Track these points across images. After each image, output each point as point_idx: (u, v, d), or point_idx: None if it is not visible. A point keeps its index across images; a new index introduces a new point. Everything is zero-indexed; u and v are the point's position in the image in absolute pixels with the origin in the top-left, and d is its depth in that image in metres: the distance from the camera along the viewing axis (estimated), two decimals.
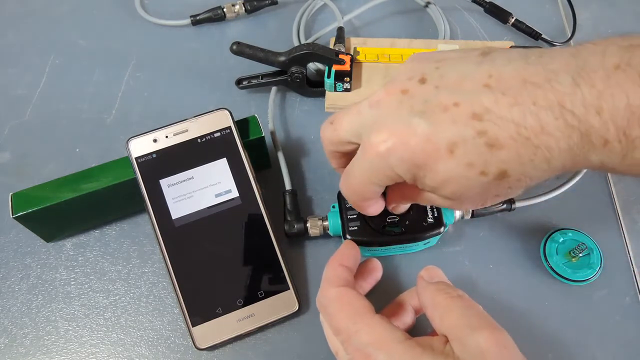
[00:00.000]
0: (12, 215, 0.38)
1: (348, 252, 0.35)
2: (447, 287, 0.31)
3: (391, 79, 0.30)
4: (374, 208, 0.35)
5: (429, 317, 0.31)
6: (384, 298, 0.38)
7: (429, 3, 0.57)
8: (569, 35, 0.55)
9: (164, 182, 0.39)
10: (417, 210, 0.40)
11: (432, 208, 0.40)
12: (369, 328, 0.29)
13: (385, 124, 0.28)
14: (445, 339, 0.29)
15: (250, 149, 0.41)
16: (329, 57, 0.46)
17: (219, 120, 0.40)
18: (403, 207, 0.37)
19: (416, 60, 0.30)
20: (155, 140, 0.40)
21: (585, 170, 0.45)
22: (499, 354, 0.27)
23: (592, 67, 0.25)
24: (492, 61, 0.27)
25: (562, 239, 0.42)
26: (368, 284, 0.38)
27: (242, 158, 0.40)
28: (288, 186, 0.43)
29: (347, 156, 0.33)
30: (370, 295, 0.35)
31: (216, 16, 0.56)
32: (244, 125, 0.42)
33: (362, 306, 0.31)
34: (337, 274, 0.33)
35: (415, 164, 0.28)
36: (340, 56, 0.46)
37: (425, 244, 0.41)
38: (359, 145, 0.31)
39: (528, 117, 0.25)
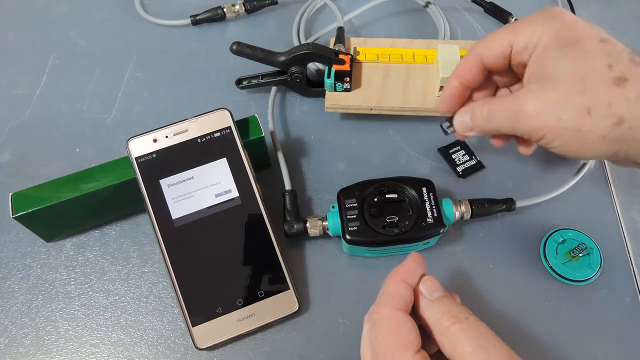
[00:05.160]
0: (12, 215, 0.38)
1: (414, 267, 0.32)
2: (451, 308, 0.30)
3: None
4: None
5: (436, 340, 0.30)
6: None
7: (428, 3, 0.57)
8: None
9: (164, 182, 0.39)
10: (417, 211, 0.40)
11: (432, 208, 0.40)
12: None
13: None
14: None
15: (250, 149, 0.41)
16: (329, 57, 0.46)
17: (219, 120, 0.40)
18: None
19: None
20: (155, 140, 0.40)
21: (585, 170, 0.45)
22: None
23: None
24: None
25: (562, 239, 0.42)
26: None
27: (242, 158, 0.40)
28: (288, 186, 0.43)
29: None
30: (373, 299, 0.34)
31: (216, 16, 0.56)
32: (244, 125, 0.42)
33: (410, 342, 0.29)
34: (398, 291, 0.31)
35: (565, 28, 0.33)
36: (340, 56, 0.46)
37: (425, 244, 0.41)
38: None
39: None
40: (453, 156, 0.47)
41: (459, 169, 0.46)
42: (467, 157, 0.46)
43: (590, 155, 0.33)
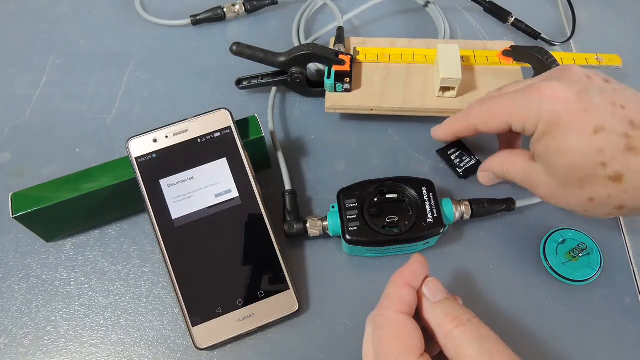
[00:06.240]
0: (12, 215, 0.38)
1: (417, 269, 0.33)
2: (454, 310, 0.30)
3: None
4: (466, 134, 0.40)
5: (439, 342, 0.30)
6: None
7: (428, 3, 0.57)
8: (569, 35, 0.55)
9: (164, 182, 0.39)
10: (417, 211, 0.40)
11: (432, 208, 0.40)
12: None
13: (562, 82, 0.33)
14: None
15: (250, 149, 0.41)
16: (329, 57, 0.46)
17: (219, 120, 0.40)
18: (490, 178, 0.41)
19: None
20: (155, 140, 0.40)
21: None
22: None
23: None
24: None
25: (562, 239, 0.42)
26: None
27: (242, 158, 0.40)
28: (288, 186, 0.43)
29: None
30: (373, 299, 0.35)
31: (216, 16, 0.56)
32: (244, 125, 0.42)
33: (413, 346, 0.29)
34: (402, 295, 0.31)
35: (555, 122, 0.32)
36: (340, 56, 0.46)
37: (425, 244, 0.41)
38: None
39: None
40: (452, 157, 0.46)
41: (460, 169, 0.46)
42: (466, 158, 0.46)
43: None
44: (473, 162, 0.46)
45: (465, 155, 0.46)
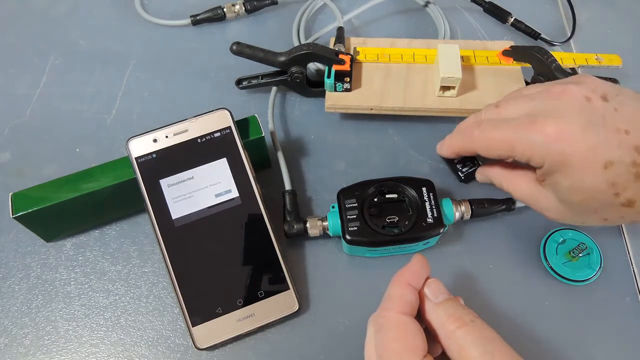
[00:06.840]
0: (12, 215, 0.38)
1: (418, 270, 0.32)
2: (456, 311, 0.30)
3: (571, 82, 0.34)
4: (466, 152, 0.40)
5: (442, 343, 0.30)
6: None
7: (428, 3, 0.57)
8: (569, 35, 0.55)
9: (164, 182, 0.39)
10: (417, 211, 0.40)
11: (432, 208, 0.40)
12: None
13: (563, 116, 0.32)
14: None
15: (250, 149, 0.41)
16: (329, 57, 0.46)
17: (219, 120, 0.40)
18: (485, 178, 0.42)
19: (596, 80, 0.34)
20: (155, 140, 0.40)
21: None
22: None
23: None
24: None
25: (562, 239, 0.42)
26: None
27: (242, 158, 0.40)
28: (288, 186, 0.43)
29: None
30: (373, 299, 0.35)
31: (216, 16, 0.56)
32: (244, 125, 0.42)
33: (416, 347, 0.29)
34: (403, 295, 0.31)
35: (564, 162, 0.32)
36: (340, 56, 0.46)
37: (425, 244, 0.41)
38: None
39: None
40: (455, 161, 0.46)
41: (462, 174, 0.45)
42: (469, 163, 0.45)
43: None
44: (476, 167, 0.45)
45: (469, 160, 0.46)
